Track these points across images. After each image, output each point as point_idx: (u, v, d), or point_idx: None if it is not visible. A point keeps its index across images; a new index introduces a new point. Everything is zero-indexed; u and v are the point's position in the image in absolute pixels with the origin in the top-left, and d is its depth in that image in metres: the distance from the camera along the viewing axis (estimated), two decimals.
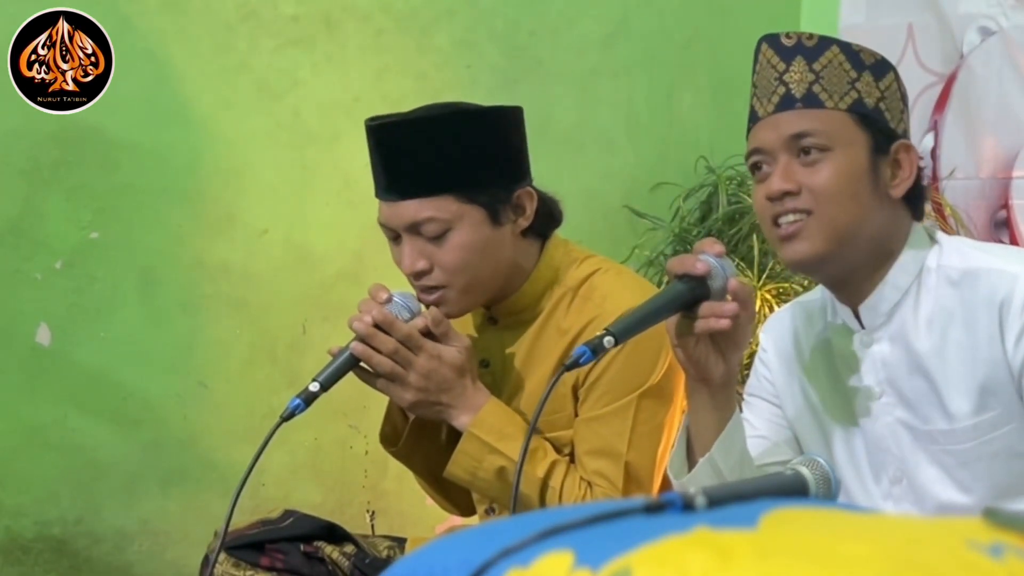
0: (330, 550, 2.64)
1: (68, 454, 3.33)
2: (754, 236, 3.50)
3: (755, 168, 2.21)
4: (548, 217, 2.56)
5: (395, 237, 2.50)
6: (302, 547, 2.64)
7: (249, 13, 3.41)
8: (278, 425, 2.35)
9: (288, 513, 2.70)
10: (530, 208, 2.50)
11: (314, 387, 2.39)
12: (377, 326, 2.42)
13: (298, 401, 2.37)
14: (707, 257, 2.12)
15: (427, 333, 2.46)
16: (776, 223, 2.17)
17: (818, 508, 1.45)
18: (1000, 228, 3.71)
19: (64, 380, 3.32)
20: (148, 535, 3.40)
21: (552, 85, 3.65)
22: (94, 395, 3.35)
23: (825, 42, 2.19)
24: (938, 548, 1.15)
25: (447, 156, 2.45)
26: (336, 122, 3.48)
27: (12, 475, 3.31)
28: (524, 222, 2.50)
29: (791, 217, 2.15)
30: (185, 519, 3.41)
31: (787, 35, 2.20)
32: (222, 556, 2.53)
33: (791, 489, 1.81)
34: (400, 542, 2.71)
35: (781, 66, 2.18)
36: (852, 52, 2.19)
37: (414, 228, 2.45)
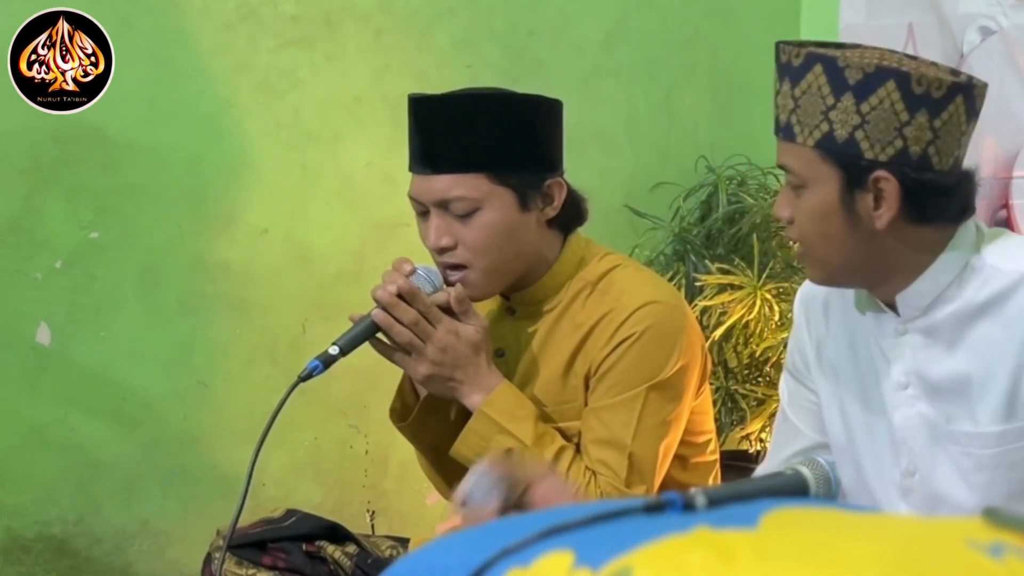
0: (332, 550, 2.65)
1: (68, 454, 3.33)
2: (754, 236, 3.49)
3: None
4: (575, 212, 2.60)
5: (423, 212, 2.53)
6: (304, 546, 2.64)
7: (249, 13, 3.41)
8: (295, 384, 2.38)
9: (290, 512, 2.71)
10: (559, 199, 2.54)
11: (333, 350, 2.42)
12: (400, 297, 2.44)
13: (316, 362, 2.40)
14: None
15: (447, 310, 2.47)
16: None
17: (818, 508, 1.45)
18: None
19: (64, 380, 3.32)
20: (148, 535, 3.40)
21: (552, 85, 3.65)
22: (94, 395, 3.35)
23: (811, 60, 2.06)
24: (938, 548, 1.15)
25: (484, 136, 2.48)
26: (336, 122, 3.48)
27: (12, 475, 3.30)
28: (551, 211, 2.54)
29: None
30: (185, 519, 3.41)
31: (783, 48, 2.11)
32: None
33: (791, 489, 1.82)
34: (403, 542, 2.72)
35: (776, 84, 2.13)
36: (836, 71, 2.03)
37: (443, 204, 2.48)
